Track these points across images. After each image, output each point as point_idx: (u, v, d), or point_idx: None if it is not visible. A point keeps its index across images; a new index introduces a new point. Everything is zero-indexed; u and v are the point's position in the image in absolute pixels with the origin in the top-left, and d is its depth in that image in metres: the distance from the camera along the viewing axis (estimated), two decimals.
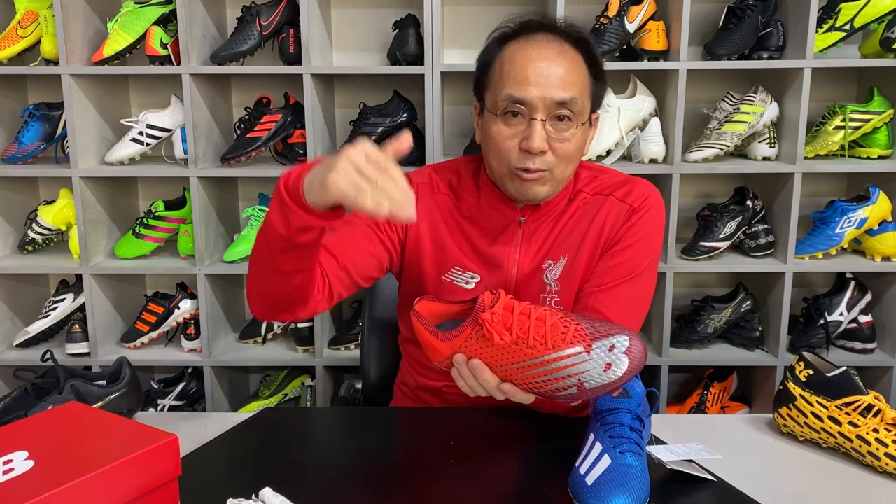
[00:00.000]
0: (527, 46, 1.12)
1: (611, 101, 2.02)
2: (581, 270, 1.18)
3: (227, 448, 1.07)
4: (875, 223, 2.03)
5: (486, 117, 1.16)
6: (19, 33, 2.04)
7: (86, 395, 1.10)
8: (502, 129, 1.12)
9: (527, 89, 1.09)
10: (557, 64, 1.10)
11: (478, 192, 1.23)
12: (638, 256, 1.17)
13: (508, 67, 1.11)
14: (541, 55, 1.11)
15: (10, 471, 0.76)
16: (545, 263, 1.19)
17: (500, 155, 1.13)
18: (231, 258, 2.07)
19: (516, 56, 1.12)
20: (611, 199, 1.20)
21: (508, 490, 0.95)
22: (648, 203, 1.19)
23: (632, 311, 1.17)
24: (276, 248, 0.97)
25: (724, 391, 2.21)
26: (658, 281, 2.07)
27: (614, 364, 0.85)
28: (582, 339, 0.86)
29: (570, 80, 1.10)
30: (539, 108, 1.09)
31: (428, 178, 1.25)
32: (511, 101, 1.10)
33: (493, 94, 1.13)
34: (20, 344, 2.14)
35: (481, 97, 1.18)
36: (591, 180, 1.23)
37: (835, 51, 2.03)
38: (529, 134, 1.09)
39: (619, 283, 1.16)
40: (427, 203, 1.22)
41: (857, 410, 1.01)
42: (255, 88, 2.25)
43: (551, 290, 1.19)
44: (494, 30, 1.18)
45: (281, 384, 2.24)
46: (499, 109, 1.11)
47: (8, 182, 2.19)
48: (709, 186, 2.29)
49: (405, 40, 2.01)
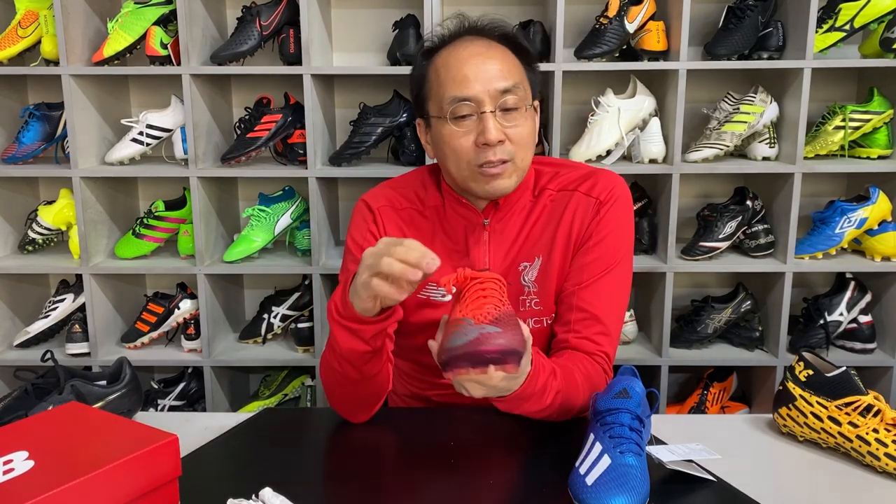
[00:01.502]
0: (457, 49, 1.15)
1: (611, 101, 2.02)
2: (556, 269, 1.19)
3: (227, 448, 1.07)
4: (875, 223, 2.04)
5: (434, 127, 1.17)
6: (19, 33, 2.04)
7: (86, 395, 1.10)
8: (454, 131, 1.13)
9: (469, 86, 1.11)
10: (490, 57, 1.13)
11: (442, 199, 1.24)
12: (612, 248, 1.18)
13: (445, 72, 1.13)
14: (472, 53, 1.13)
15: (10, 471, 0.76)
16: (521, 265, 1.20)
17: (457, 157, 1.14)
18: (231, 258, 2.07)
19: (450, 60, 1.14)
20: (576, 194, 1.21)
21: (508, 490, 0.95)
22: (614, 194, 1.20)
23: (615, 301, 1.19)
24: (362, 364, 1.04)
25: (724, 391, 2.22)
26: (658, 281, 2.08)
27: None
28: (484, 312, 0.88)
29: (507, 69, 1.13)
30: (486, 101, 1.11)
31: (386, 199, 1.25)
32: (457, 100, 1.11)
33: (437, 101, 1.15)
34: (20, 344, 2.14)
35: (423, 112, 1.20)
36: (554, 176, 1.24)
37: (835, 51, 2.03)
38: (483, 127, 1.11)
39: (598, 277, 1.17)
40: (395, 223, 1.23)
41: (856, 410, 1.01)
42: (255, 88, 2.25)
43: (530, 292, 1.20)
44: (418, 47, 1.21)
45: (281, 384, 2.24)
46: (446, 112, 1.12)
47: (8, 182, 2.19)
48: (709, 186, 2.29)
49: (405, 40, 2.01)
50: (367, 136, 2.05)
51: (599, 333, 1.16)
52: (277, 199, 2.13)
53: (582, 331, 1.15)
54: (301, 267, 2.08)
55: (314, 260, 2.06)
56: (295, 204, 2.16)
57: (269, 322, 2.17)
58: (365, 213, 1.25)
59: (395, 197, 1.26)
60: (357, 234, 1.24)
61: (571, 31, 2.15)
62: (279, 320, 2.18)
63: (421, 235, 1.23)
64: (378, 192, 1.28)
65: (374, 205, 1.25)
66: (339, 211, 2.32)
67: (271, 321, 2.17)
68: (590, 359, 1.14)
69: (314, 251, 2.06)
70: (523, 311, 1.20)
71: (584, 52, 1.98)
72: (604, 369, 1.15)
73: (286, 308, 2.18)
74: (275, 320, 2.17)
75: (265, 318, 2.18)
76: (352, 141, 2.06)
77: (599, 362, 1.15)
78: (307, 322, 2.13)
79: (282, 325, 2.19)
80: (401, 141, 2.08)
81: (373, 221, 1.23)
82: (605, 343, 1.16)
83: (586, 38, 2.01)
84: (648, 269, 2.06)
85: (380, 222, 1.23)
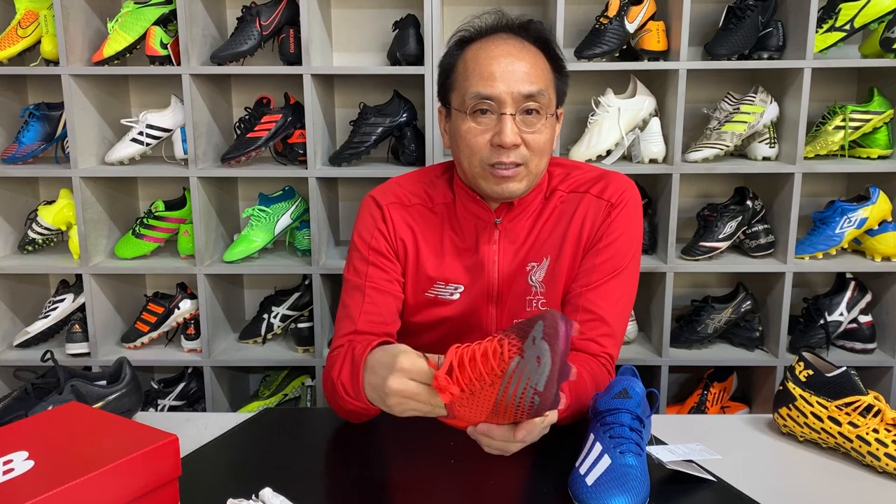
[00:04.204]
0: (489, 45, 1.13)
1: (611, 101, 2.02)
2: (565, 270, 1.19)
3: (227, 448, 1.07)
4: (875, 223, 2.03)
5: (454, 118, 1.16)
6: (19, 33, 2.04)
7: (86, 396, 1.10)
8: (472, 127, 1.12)
9: (494, 85, 1.10)
10: (521, 59, 1.11)
11: (453, 196, 1.23)
12: (621, 252, 1.18)
13: (473, 66, 1.12)
14: (503, 52, 1.12)
15: (10, 471, 0.76)
16: (529, 265, 1.20)
17: (471, 153, 1.13)
18: (231, 258, 2.07)
19: (480, 55, 1.13)
20: (587, 196, 1.21)
21: (508, 490, 0.95)
22: (625, 197, 1.20)
23: (621, 304, 1.19)
24: (370, 415, 1.06)
25: (724, 391, 2.21)
26: (658, 281, 2.08)
27: (541, 354, 0.79)
28: (514, 347, 0.81)
29: (535, 73, 1.12)
30: (507, 103, 1.10)
31: (394, 195, 1.25)
32: (479, 97, 1.10)
33: (460, 94, 1.14)
34: (20, 344, 2.14)
35: (446, 101, 1.19)
36: (565, 177, 1.23)
37: (835, 51, 2.03)
38: (500, 129, 1.10)
39: (607, 279, 1.17)
40: (404, 220, 1.23)
41: (857, 411, 1.01)
42: (255, 88, 2.25)
43: (537, 292, 1.20)
44: (454, 34, 1.19)
45: (281, 384, 2.24)
46: (467, 108, 1.12)
47: (8, 182, 2.19)
48: (709, 186, 2.29)
49: (405, 40, 2.01)
50: (367, 136, 2.05)
51: (604, 335, 1.16)
52: (277, 199, 2.13)
53: (587, 332, 1.15)
54: (301, 267, 2.08)
55: (314, 260, 2.06)
56: (295, 204, 2.16)
57: (269, 322, 2.17)
58: (373, 209, 1.24)
59: (403, 193, 1.25)
60: (365, 231, 1.23)
61: (571, 31, 2.15)
62: (279, 320, 2.18)
63: (430, 231, 1.22)
64: (386, 188, 1.27)
65: (383, 201, 1.24)
66: (339, 211, 2.32)
67: (271, 321, 2.17)
68: (594, 360, 1.14)
69: (314, 251, 2.06)
70: (529, 311, 1.20)
71: (584, 52, 1.98)
72: (607, 370, 1.15)
73: (286, 308, 2.18)
74: (275, 320, 2.17)
75: (265, 318, 2.18)
76: (352, 141, 2.06)
77: (603, 363, 1.15)
78: (307, 322, 2.13)
79: (282, 326, 2.18)
80: (401, 141, 2.08)
81: (381, 219, 1.22)
82: (609, 345, 1.16)
83: (586, 38, 2.01)
84: (648, 269, 2.06)
85: (388, 219, 1.22)
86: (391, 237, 1.22)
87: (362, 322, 1.16)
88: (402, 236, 1.22)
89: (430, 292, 1.21)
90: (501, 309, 1.21)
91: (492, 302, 1.21)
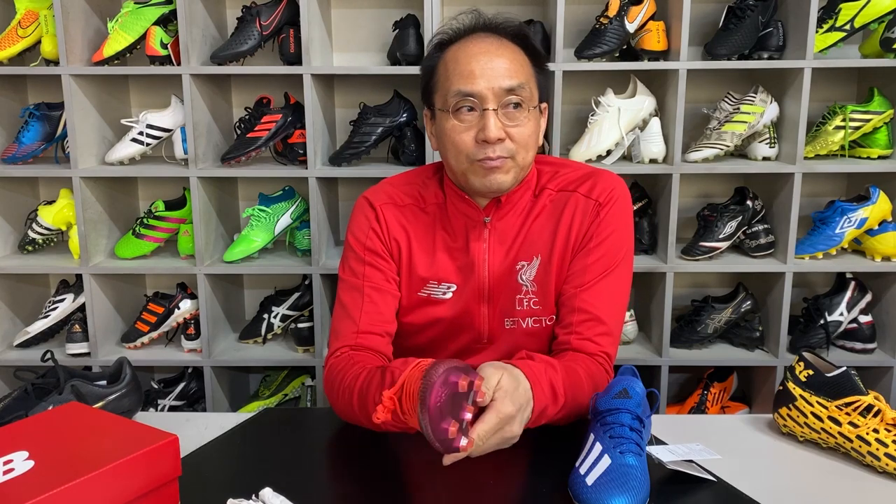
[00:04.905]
0: (467, 44, 1.15)
1: (611, 101, 2.02)
2: (555, 269, 1.20)
3: (227, 448, 1.07)
4: (875, 223, 2.03)
5: (438, 119, 1.18)
6: (19, 33, 2.04)
7: (86, 396, 1.10)
8: (456, 125, 1.14)
9: (475, 82, 1.11)
10: (499, 55, 1.13)
11: (444, 196, 1.24)
12: (613, 250, 1.19)
13: (453, 66, 1.14)
14: (482, 49, 1.14)
15: (10, 471, 0.76)
16: (518, 264, 1.20)
17: (457, 151, 1.15)
18: (231, 258, 2.07)
19: (459, 54, 1.15)
20: (576, 195, 1.21)
21: (508, 490, 0.95)
22: (614, 196, 1.21)
23: (616, 302, 1.20)
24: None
25: (724, 391, 2.21)
26: (658, 281, 2.08)
27: (421, 417, 0.84)
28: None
29: (514, 68, 1.13)
30: (489, 99, 1.11)
31: (388, 196, 1.26)
32: (461, 95, 1.12)
33: (443, 94, 1.15)
34: (20, 344, 2.14)
35: (430, 103, 1.21)
36: (554, 175, 1.24)
37: (835, 51, 2.03)
38: (484, 124, 1.11)
39: (599, 278, 1.18)
40: (397, 220, 1.24)
41: (857, 411, 1.01)
42: (255, 88, 2.25)
43: (528, 291, 1.20)
44: (432, 37, 1.22)
45: (281, 384, 2.24)
46: (450, 106, 1.13)
47: (8, 182, 2.19)
48: (709, 186, 2.29)
49: (405, 40, 2.01)
50: (367, 136, 2.05)
51: (601, 334, 1.16)
52: (277, 199, 2.13)
53: (584, 332, 1.16)
54: (301, 267, 2.08)
55: (314, 260, 2.06)
56: (295, 204, 2.16)
57: (269, 322, 2.17)
58: (367, 210, 1.25)
59: (396, 193, 1.26)
60: (359, 231, 1.24)
61: (571, 31, 2.15)
62: (279, 320, 2.18)
63: (422, 231, 1.23)
64: (379, 188, 1.28)
65: (376, 202, 1.25)
66: (339, 211, 2.32)
67: (271, 321, 2.17)
68: (592, 359, 1.14)
69: (314, 251, 2.06)
70: (521, 310, 1.20)
71: (584, 52, 1.98)
72: (605, 369, 1.15)
73: (286, 308, 2.18)
74: (275, 320, 2.17)
75: (265, 318, 2.18)
76: (352, 141, 2.06)
77: (601, 363, 1.15)
78: (307, 322, 2.13)
79: (282, 325, 2.18)
80: (401, 141, 2.08)
81: (375, 219, 1.24)
82: (606, 344, 1.16)
83: (586, 38, 2.01)
84: (648, 269, 2.06)
85: (382, 219, 1.23)
86: (385, 237, 1.23)
87: (364, 322, 1.17)
88: (395, 236, 1.23)
89: (422, 292, 1.22)
90: (493, 308, 1.21)
91: (484, 301, 1.21)
